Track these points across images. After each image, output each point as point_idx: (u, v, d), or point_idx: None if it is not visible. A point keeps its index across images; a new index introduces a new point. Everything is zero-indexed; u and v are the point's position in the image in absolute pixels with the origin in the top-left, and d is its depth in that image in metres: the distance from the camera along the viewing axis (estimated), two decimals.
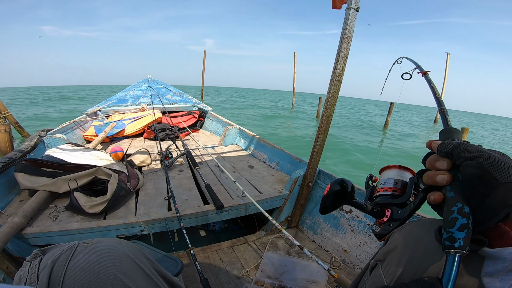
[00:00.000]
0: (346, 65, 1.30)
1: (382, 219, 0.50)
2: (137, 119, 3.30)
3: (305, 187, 1.53)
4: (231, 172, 2.00)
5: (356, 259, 1.28)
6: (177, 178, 1.88)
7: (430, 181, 0.38)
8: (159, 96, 4.41)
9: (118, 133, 3.03)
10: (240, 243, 1.45)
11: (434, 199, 0.36)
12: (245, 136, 2.71)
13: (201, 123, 3.69)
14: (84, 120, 3.21)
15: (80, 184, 1.43)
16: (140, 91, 4.87)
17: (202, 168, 2.07)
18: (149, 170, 2.05)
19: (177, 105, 4.20)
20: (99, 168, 1.62)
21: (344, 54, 1.27)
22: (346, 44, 1.26)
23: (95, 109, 3.83)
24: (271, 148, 2.23)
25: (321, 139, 1.39)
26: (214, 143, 2.90)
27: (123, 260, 0.46)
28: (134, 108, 3.91)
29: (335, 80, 1.29)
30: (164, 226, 1.26)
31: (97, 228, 1.17)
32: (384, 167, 0.56)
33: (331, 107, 1.33)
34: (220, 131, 3.22)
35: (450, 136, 0.43)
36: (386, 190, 0.51)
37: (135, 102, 4.23)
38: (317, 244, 1.45)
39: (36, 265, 0.42)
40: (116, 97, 4.54)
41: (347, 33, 1.24)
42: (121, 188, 1.57)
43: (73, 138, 2.67)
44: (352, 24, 1.24)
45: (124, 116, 3.54)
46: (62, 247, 0.45)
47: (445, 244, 0.31)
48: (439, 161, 0.37)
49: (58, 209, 1.35)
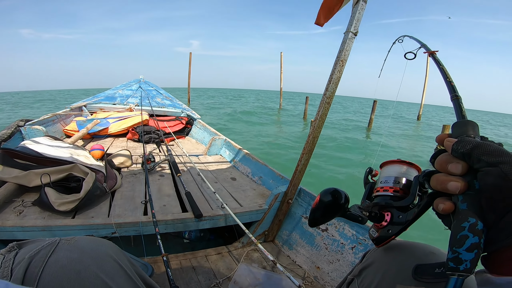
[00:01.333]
0: (337, 87, 1.31)
1: (381, 223, 0.44)
2: (123, 118, 3.24)
3: (285, 203, 1.53)
4: (213, 182, 1.98)
5: (328, 276, 1.28)
6: (157, 183, 1.84)
7: (439, 187, 0.32)
8: (149, 98, 4.36)
9: (101, 130, 2.95)
10: (215, 253, 1.42)
11: (444, 209, 0.31)
12: (231, 148, 2.71)
13: (188, 130, 3.66)
14: (67, 114, 3.12)
15: (53, 180, 1.37)
16: (130, 90, 4.81)
17: (184, 175, 2.04)
18: (128, 172, 2.00)
19: (166, 109, 4.16)
20: (76, 165, 1.56)
21: (337, 77, 1.26)
22: (340, 67, 1.25)
23: (80, 104, 3.73)
24: (255, 162, 2.24)
25: (305, 158, 1.42)
26: (199, 152, 2.88)
27: (106, 260, 0.45)
28: (122, 108, 3.84)
29: (325, 102, 1.30)
30: (138, 230, 1.22)
31: (64, 227, 1.12)
32: (385, 162, 0.49)
33: (318, 129, 1.35)
34: (206, 140, 3.20)
35: (465, 131, 0.34)
36: (387, 190, 0.45)
37: (123, 101, 4.16)
38: (292, 259, 1.44)
39: (10, 258, 0.40)
40: (104, 94, 4.45)
41: (342, 56, 1.22)
42: (96, 187, 1.52)
43: (53, 131, 2.58)
44: (349, 48, 1.23)
45: (110, 114, 3.46)
46: (42, 242, 0.44)
47: (449, 266, 0.28)
48: (452, 163, 0.31)
49: (25, 203, 1.27)
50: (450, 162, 0.31)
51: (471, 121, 0.35)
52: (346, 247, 1.30)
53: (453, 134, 0.35)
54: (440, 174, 0.32)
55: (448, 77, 0.52)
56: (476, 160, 0.29)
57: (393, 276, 0.44)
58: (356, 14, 1.20)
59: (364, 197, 0.50)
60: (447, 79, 0.52)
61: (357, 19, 1.21)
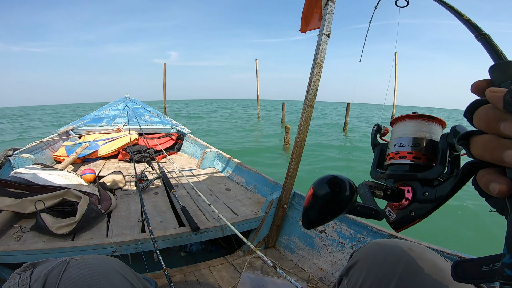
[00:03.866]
0: (317, 90, 1.33)
1: (400, 202, 0.34)
2: (112, 140, 3.23)
3: (280, 209, 1.57)
4: (207, 195, 2.00)
5: (332, 276, 1.30)
6: (152, 201, 1.85)
7: (489, 156, 0.21)
8: (136, 117, 4.36)
9: (91, 154, 2.93)
10: (218, 263, 1.43)
11: (501, 192, 0.20)
12: (223, 159, 2.74)
13: (179, 145, 3.67)
14: (55, 140, 3.08)
15: (47, 206, 1.37)
16: (116, 110, 4.78)
17: (179, 191, 2.05)
18: (123, 193, 1.99)
19: (155, 126, 4.16)
20: (69, 190, 1.56)
21: (316, 80, 1.29)
22: (318, 69, 1.28)
23: (66, 128, 3.69)
24: (248, 171, 2.27)
25: (295, 163, 1.46)
26: (191, 166, 2.89)
27: (114, 275, 0.48)
28: (109, 129, 3.82)
29: (307, 105, 1.34)
30: (137, 248, 1.22)
31: (65, 249, 1.12)
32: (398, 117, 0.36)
33: (304, 132, 1.40)
34: (198, 154, 3.22)
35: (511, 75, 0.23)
36: (404, 157, 0.34)
37: (111, 122, 4.14)
38: (294, 263, 1.46)
39: (27, 277, 0.43)
40: (90, 116, 4.42)
41: (319, 58, 1.26)
42: (91, 210, 1.52)
43: (42, 158, 2.55)
44: (324, 50, 1.26)
45: (98, 136, 3.44)
46: (54, 261, 0.47)
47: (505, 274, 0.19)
48: (508, 121, 0.20)
49: (23, 229, 1.28)
50: (504, 120, 0.20)
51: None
52: (346, 246, 1.34)
53: (494, 81, 0.24)
54: (487, 137, 0.21)
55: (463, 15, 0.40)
56: None
57: (374, 274, 0.46)
58: (326, 16, 1.25)
59: (373, 166, 0.38)
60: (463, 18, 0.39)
61: (328, 20, 1.25)
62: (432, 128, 0.34)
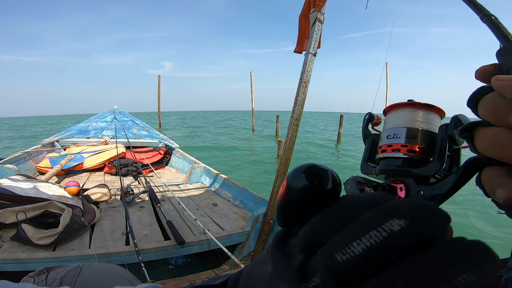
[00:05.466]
0: (303, 108, 1.37)
1: None
2: (98, 152, 3.19)
3: (266, 224, 1.59)
4: (194, 209, 2.00)
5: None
6: (137, 215, 1.83)
7: (497, 153, 0.17)
8: (124, 130, 4.33)
9: (75, 166, 2.87)
10: (204, 277, 1.42)
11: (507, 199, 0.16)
12: (211, 175, 2.75)
13: (167, 160, 3.65)
14: (39, 151, 3.02)
15: (29, 217, 1.35)
16: (104, 122, 4.74)
17: (165, 205, 2.04)
18: (107, 206, 1.97)
19: (143, 140, 4.14)
20: (51, 202, 1.54)
21: (302, 99, 1.32)
22: (304, 88, 1.31)
23: (52, 139, 3.63)
24: (235, 187, 2.29)
25: (280, 180, 1.50)
26: (179, 181, 2.88)
27: (122, 281, 0.52)
28: (96, 141, 3.77)
29: (293, 124, 1.38)
30: (121, 260, 1.21)
31: (45, 259, 1.10)
32: (391, 105, 0.32)
33: (289, 150, 1.46)
34: (186, 168, 3.22)
35: None
36: (397, 150, 0.29)
37: (98, 134, 4.09)
38: None
39: (43, 280, 0.47)
40: (77, 128, 4.36)
41: (305, 77, 1.29)
42: (74, 222, 1.50)
43: (25, 169, 2.49)
44: (310, 69, 1.29)
45: (84, 148, 3.39)
46: (67, 267, 0.51)
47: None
48: None
49: (3, 238, 1.26)
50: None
51: None
52: None
53: (503, 66, 0.20)
54: (496, 130, 0.17)
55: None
56: None
57: None
58: (313, 35, 1.29)
59: (364, 159, 0.34)
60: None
61: (315, 40, 1.29)
62: (429, 118, 0.29)
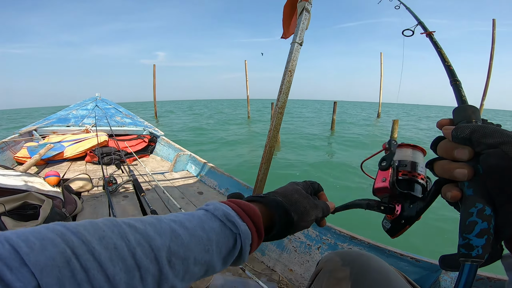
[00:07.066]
0: (288, 97, 1.36)
1: (393, 214, 0.43)
2: (79, 141, 3.10)
3: None
4: (179, 198, 2.00)
5: (301, 277, 1.37)
6: (121, 205, 1.81)
7: (446, 175, 0.31)
8: (107, 118, 4.20)
9: (55, 155, 2.79)
10: None
11: (453, 197, 0.30)
12: (196, 162, 2.74)
13: (152, 148, 3.60)
14: (16, 141, 2.90)
15: (8, 209, 1.31)
16: (85, 110, 4.57)
17: (149, 194, 2.03)
18: (89, 196, 1.94)
19: (126, 128, 4.04)
20: (30, 193, 1.50)
21: (287, 87, 1.32)
22: (289, 77, 1.30)
23: (29, 128, 3.48)
24: (221, 175, 2.30)
25: (264, 168, 1.51)
26: (164, 169, 2.86)
27: None
28: (77, 129, 3.66)
29: (278, 112, 1.37)
30: None
31: None
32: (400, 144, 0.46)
33: (274, 138, 1.45)
34: (171, 156, 3.19)
35: (466, 116, 0.33)
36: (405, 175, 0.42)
37: (78, 122, 3.96)
38: (266, 264, 1.51)
39: None
40: (56, 116, 4.19)
41: (290, 66, 1.28)
42: (55, 213, 1.47)
43: (2, 159, 2.40)
44: (296, 58, 1.28)
45: (65, 137, 3.28)
46: None
47: (461, 252, 0.28)
48: (458, 149, 0.30)
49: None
50: (456, 148, 0.30)
51: (471, 105, 0.35)
52: (313, 248, 1.41)
53: (454, 119, 0.34)
54: (444, 162, 0.31)
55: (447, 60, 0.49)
56: (476, 143, 0.28)
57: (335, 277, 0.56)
58: (300, 24, 1.28)
59: None
60: (445, 63, 0.49)
61: (301, 29, 1.28)
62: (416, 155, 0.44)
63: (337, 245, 1.35)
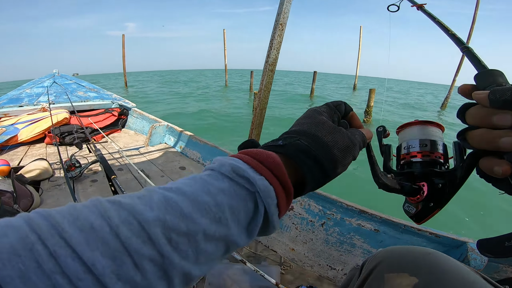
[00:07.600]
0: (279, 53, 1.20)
1: (417, 196, 0.36)
2: (35, 121, 2.68)
3: None
4: (158, 176, 1.75)
5: (304, 256, 1.21)
6: (88, 191, 1.55)
7: (489, 146, 0.26)
8: (67, 93, 3.69)
9: (8, 140, 2.39)
10: None
11: (504, 172, 0.25)
12: (175, 133, 2.45)
13: (123, 121, 3.23)
14: None
15: None
16: (41, 88, 4.00)
17: (123, 175, 1.76)
18: (50, 184, 1.64)
19: (91, 102, 3.57)
20: None
21: (278, 42, 1.17)
22: (280, 31, 1.16)
23: None
24: (204, 145, 2.04)
25: (255, 133, 1.28)
26: (139, 144, 2.55)
27: None
28: (32, 109, 3.18)
29: (268, 69, 1.18)
30: None
31: None
32: (402, 125, 0.40)
33: (265, 99, 1.21)
34: (146, 129, 2.86)
35: (494, 81, 0.28)
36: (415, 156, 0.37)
37: (33, 101, 3.45)
38: (264, 245, 1.34)
39: None
40: (6, 97, 3.63)
41: (281, 19, 1.14)
42: (4, 211, 1.22)
43: None
44: (287, 10, 1.15)
45: (19, 119, 2.84)
46: None
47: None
48: (498, 114, 0.25)
49: None
50: (495, 114, 0.25)
51: (496, 69, 0.30)
52: (316, 225, 1.24)
53: (479, 85, 0.29)
54: (483, 130, 0.26)
55: (449, 29, 0.46)
56: None
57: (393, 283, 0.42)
58: None
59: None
60: (449, 32, 0.45)
61: None
62: (431, 130, 0.37)
63: (344, 220, 1.17)
